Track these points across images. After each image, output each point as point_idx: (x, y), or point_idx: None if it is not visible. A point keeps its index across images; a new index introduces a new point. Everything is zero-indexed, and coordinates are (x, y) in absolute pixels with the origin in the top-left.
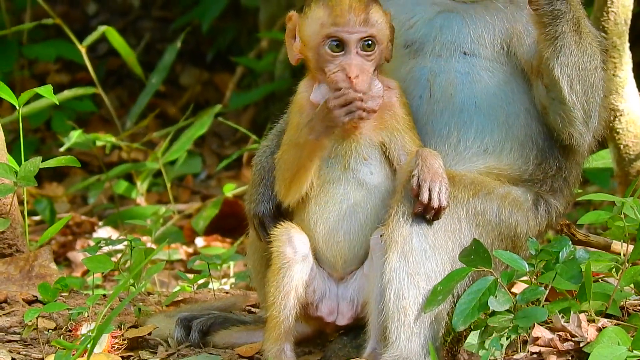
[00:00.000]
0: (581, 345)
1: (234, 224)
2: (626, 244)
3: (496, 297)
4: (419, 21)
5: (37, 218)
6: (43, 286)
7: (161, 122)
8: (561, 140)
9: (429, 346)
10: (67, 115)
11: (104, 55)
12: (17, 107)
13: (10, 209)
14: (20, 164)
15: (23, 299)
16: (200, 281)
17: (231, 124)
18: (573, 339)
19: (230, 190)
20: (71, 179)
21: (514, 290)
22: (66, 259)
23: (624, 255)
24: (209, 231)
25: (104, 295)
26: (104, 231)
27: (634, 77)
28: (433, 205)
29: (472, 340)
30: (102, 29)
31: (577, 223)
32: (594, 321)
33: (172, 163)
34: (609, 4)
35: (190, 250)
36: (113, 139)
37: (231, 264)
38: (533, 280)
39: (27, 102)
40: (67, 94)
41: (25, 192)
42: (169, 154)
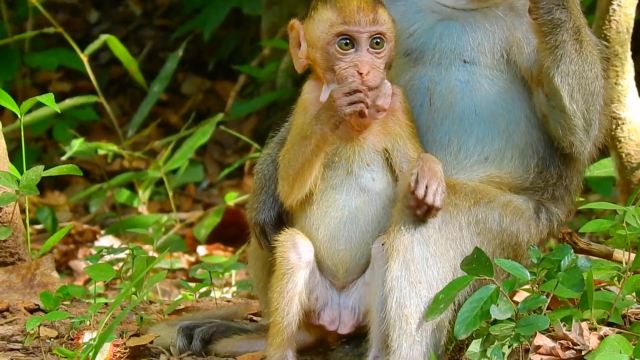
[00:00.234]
0: (583, 353)
1: (235, 232)
2: (628, 253)
3: (498, 305)
4: (419, 29)
5: (39, 227)
6: (45, 295)
7: (163, 130)
8: (562, 148)
9: (430, 354)
10: (68, 123)
11: (105, 64)
12: (19, 116)
13: (12, 217)
14: (22, 172)
15: (25, 308)
16: (202, 290)
17: (233, 133)
18: (575, 347)
19: (232, 198)
20: (73, 187)
21: (515, 298)
22: (68, 268)
23: (625, 264)
24: (210, 240)
25: (105, 303)
26: (105, 240)
27: (636, 86)
28: (427, 202)
29: (473, 349)
30: (103, 37)
31: (579, 231)
32: (595, 329)
33: (174, 172)
34: (611, 13)
35: (192, 259)
36: (115, 147)
37: (233, 272)
38: (535, 288)
39: (29, 111)
40: (69, 102)
41: (27, 200)
42: (170, 163)
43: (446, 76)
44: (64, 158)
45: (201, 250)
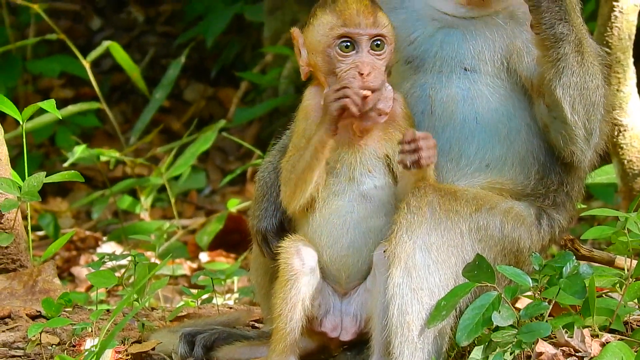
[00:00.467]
0: None
1: (238, 239)
2: (630, 259)
3: (500, 312)
4: (420, 37)
5: (41, 233)
6: (47, 301)
7: (165, 137)
8: (562, 157)
9: None
10: (71, 130)
11: (108, 71)
12: (21, 122)
13: (14, 224)
14: (24, 179)
15: (27, 314)
16: (204, 296)
17: (235, 139)
18: (577, 354)
19: (234, 205)
20: (75, 194)
21: (517, 305)
22: (70, 274)
23: (627, 271)
24: (213, 246)
25: (107, 310)
26: (108, 246)
27: (637, 92)
28: (419, 147)
29: (475, 356)
30: (106, 44)
31: (581, 238)
32: (597, 336)
33: (176, 178)
34: (612, 19)
35: (194, 266)
36: (117, 154)
37: (235, 279)
38: (536, 295)
39: (31, 117)
40: (71, 109)
41: (29, 207)
42: (173, 169)
43: (447, 84)
44: (66, 164)
45: (203, 256)
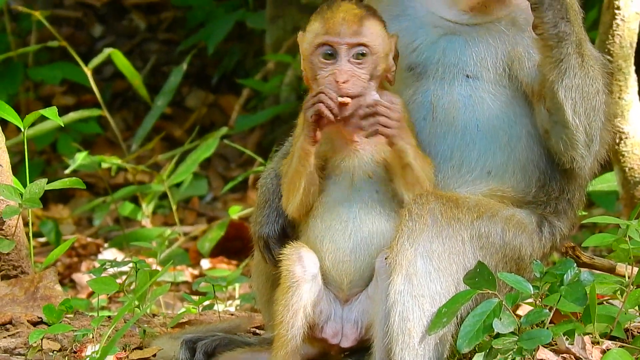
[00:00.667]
0: None
1: (239, 246)
2: (631, 267)
3: (501, 319)
4: (422, 44)
5: (43, 240)
6: (48, 307)
7: (167, 144)
8: (562, 163)
9: None
10: (72, 137)
11: (109, 78)
12: (23, 129)
13: (15, 230)
14: (25, 185)
15: (28, 321)
16: (206, 303)
17: (237, 147)
18: None
19: (236, 212)
20: (77, 200)
21: (518, 312)
22: (71, 281)
23: (628, 278)
24: (214, 253)
25: (108, 316)
26: (109, 253)
27: (639, 100)
28: (378, 112)
29: None
30: (107, 51)
31: (582, 245)
32: (598, 343)
33: (178, 185)
34: (614, 27)
35: (196, 272)
36: (119, 161)
37: (236, 285)
38: (537, 302)
39: (33, 124)
40: (73, 116)
41: (30, 213)
42: (174, 176)
43: (449, 91)
44: (67, 171)
45: (205, 263)
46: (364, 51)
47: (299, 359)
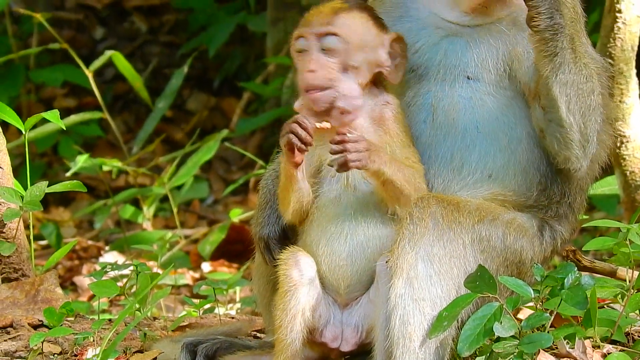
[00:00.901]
0: None
1: (240, 249)
2: (631, 270)
3: (501, 322)
4: (424, 45)
5: (44, 242)
6: (49, 310)
7: (168, 147)
8: (557, 163)
9: None
10: (73, 139)
11: (110, 80)
12: (24, 132)
13: (16, 233)
14: (26, 188)
15: (29, 324)
16: (206, 306)
17: (238, 149)
18: None
19: (236, 215)
20: (77, 203)
21: (519, 316)
22: (72, 284)
23: (629, 282)
24: (215, 256)
25: (109, 320)
26: (110, 256)
27: None
28: (347, 149)
29: None
30: (109, 53)
31: (583, 249)
32: (599, 347)
33: (179, 188)
34: (615, 31)
35: (197, 275)
36: (119, 163)
37: (237, 289)
38: (538, 306)
39: (34, 127)
40: (74, 118)
41: (31, 216)
42: (175, 179)
43: (449, 92)
44: (68, 174)
45: (206, 266)
46: (334, 41)
47: None
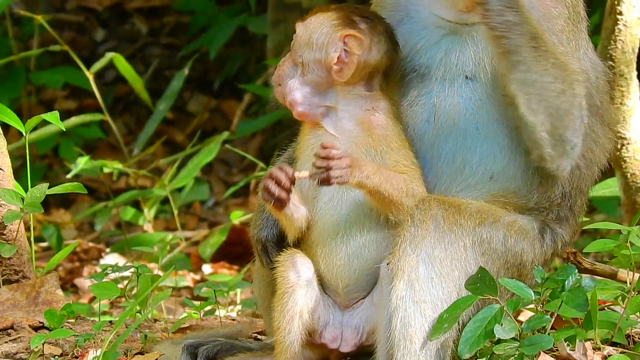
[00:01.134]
0: None
1: (241, 251)
2: (632, 273)
3: (502, 325)
4: (425, 45)
5: (44, 244)
6: (49, 312)
7: (168, 149)
8: (532, 160)
9: None
10: (74, 141)
11: (111, 82)
12: (24, 134)
13: (16, 235)
14: (27, 190)
15: (29, 325)
16: (207, 308)
17: (239, 151)
18: None
19: (237, 217)
20: (78, 205)
21: (519, 318)
22: (73, 286)
23: (629, 284)
24: (216, 258)
25: (110, 321)
26: (110, 258)
27: None
28: (330, 167)
29: None
30: (109, 55)
31: (584, 251)
32: (599, 349)
33: (180, 190)
34: (616, 33)
35: (197, 277)
36: (120, 165)
37: (238, 291)
38: (539, 308)
39: (35, 129)
40: (75, 120)
41: (32, 218)
42: (176, 181)
43: (450, 92)
44: (69, 176)
45: (206, 268)
46: (294, 40)
47: None
